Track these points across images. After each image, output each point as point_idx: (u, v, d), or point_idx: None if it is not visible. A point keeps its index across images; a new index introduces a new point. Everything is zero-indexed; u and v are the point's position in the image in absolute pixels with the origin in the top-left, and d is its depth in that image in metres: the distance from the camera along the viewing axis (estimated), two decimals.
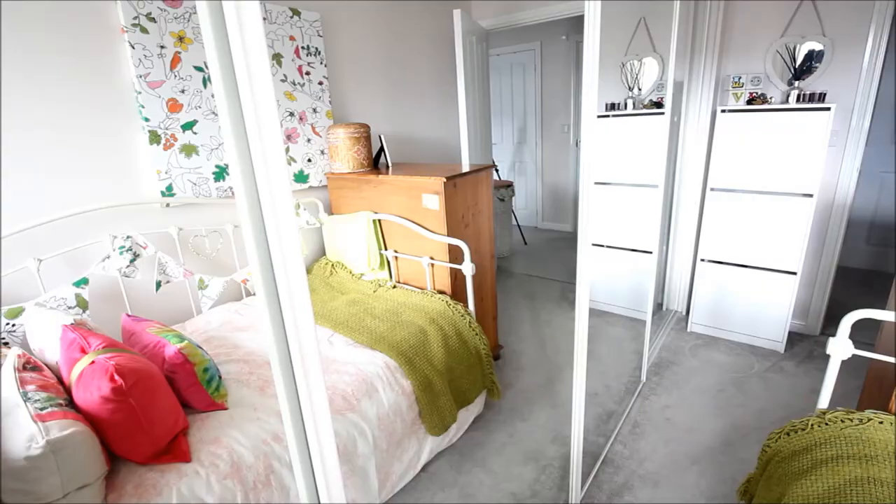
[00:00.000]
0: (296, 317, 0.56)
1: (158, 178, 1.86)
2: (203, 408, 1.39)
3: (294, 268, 0.55)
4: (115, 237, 1.74)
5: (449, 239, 2.00)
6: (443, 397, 1.75)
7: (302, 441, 0.64)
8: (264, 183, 0.51)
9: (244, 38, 0.46)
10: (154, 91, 1.82)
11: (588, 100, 1.18)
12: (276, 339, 0.58)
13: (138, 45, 1.75)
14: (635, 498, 1.65)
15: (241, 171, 0.51)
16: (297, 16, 2.24)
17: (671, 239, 3.02)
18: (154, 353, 1.38)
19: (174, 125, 1.88)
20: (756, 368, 2.40)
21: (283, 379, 0.61)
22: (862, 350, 1.27)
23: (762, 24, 2.51)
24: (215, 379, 1.44)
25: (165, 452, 1.20)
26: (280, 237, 0.53)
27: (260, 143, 0.50)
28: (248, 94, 0.48)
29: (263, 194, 0.51)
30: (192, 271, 1.92)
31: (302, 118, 2.32)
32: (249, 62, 0.47)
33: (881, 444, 1.16)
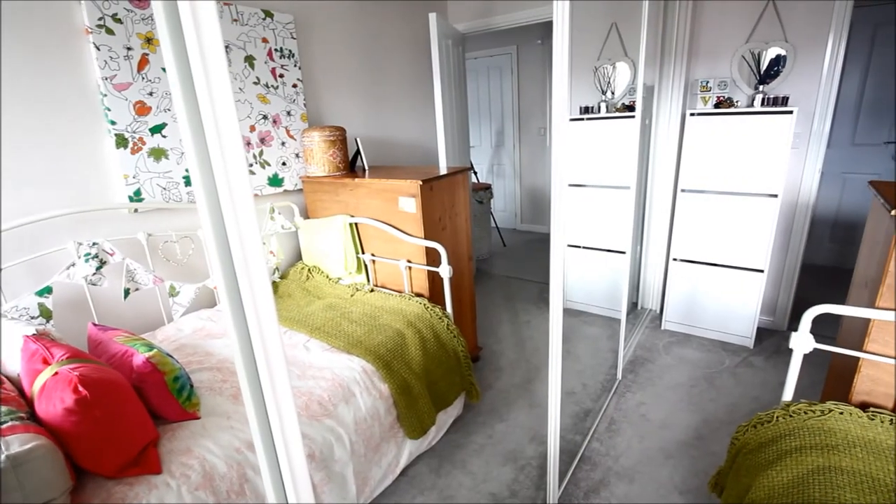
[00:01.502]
0: (260, 322, 0.56)
1: (126, 182, 1.81)
2: (174, 418, 1.36)
3: (257, 274, 0.54)
4: (80, 244, 1.69)
5: (426, 242, 2.00)
6: (421, 400, 1.75)
7: (270, 449, 0.63)
8: (224, 188, 0.50)
9: (201, 40, 0.46)
10: (121, 93, 1.77)
11: (558, 103, 1.20)
12: (241, 346, 0.58)
13: (104, 47, 1.71)
14: (611, 494, 1.68)
15: (201, 177, 0.51)
16: (270, 17, 2.22)
17: (645, 239, 3.08)
18: (122, 362, 1.34)
19: (142, 128, 1.84)
20: (727, 364, 2.47)
21: (250, 388, 0.60)
22: (823, 344, 1.32)
23: (728, 31, 2.59)
24: (186, 388, 1.40)
25: (134, 465, 1.17)
26: (242, 243, 0.52)
27: (220, 149, 0.49)
28: (207, 97, 0.47)
29: (224, 200, 0.51)
30: (163, 278, 1.88)
31: (276, 121, 2.29)
32: (207, 64, 0.46)
33: (841, 433, 1.20)
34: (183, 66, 0.47)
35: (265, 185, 2.29)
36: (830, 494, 1.04)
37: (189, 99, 0.48)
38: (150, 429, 1.25)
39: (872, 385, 1.29)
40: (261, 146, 2.24)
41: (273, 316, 0.57)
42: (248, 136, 2.19)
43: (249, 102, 2.17)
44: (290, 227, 2.31)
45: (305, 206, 2.47)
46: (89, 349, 1.48)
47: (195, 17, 0.45)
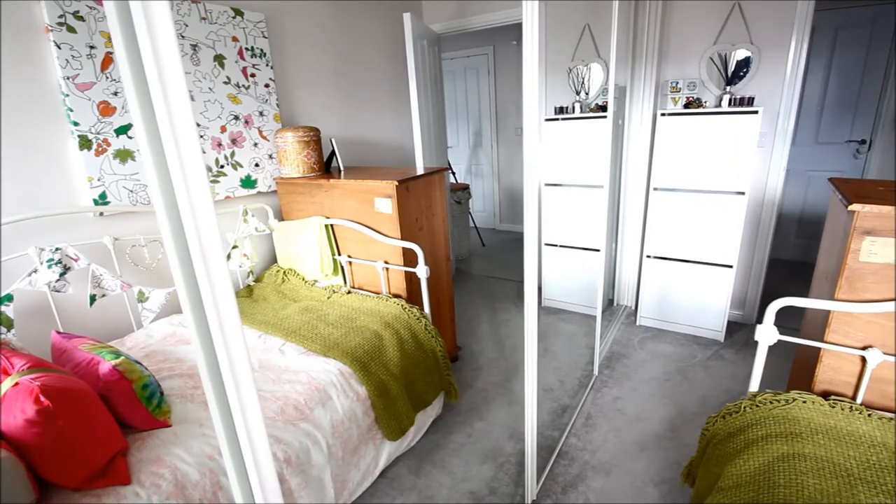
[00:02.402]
0: (223, 329, 0.55)
1: (90, 185, 1.76)
2: (144, 426, 1.32)
3: (219, 280, 0.53)
4: (42, 249, 1.63)
5: (403, 242, 2.00)
6: (399, 401, 1.74)
7: (238, 457, 0.62)
8: (182, 191, 0.49)
9: (154, 40, 0.45)
10: (83, 93, 1.72)
11: (529, 103, 1.21)
12: (205, 354, 0.57)
13: (65, 45, 1.65)
14: (588, 488, 1.70)
15: (159, 180, 0.50)
16: (240, 16, 2.18)
17: (620, 237, 3.14)
18: (87, 371, 1.30)
19: (107, 129, 1.78)
20: (699, 357, 2.53)
21: (216, 396, 0.59)
22: (787, 336, 1.37)
23: (696, 33, 2.66)
24: (156, 395, 1.37)
25: (101, 476, 1.13)
26: (202, 248, 0.51)
27: (176, 152, 0.48)
28: (161, 99, 0.46)
29: (182, 204, 0.50)
30: (131, 283, 1.82)
31: (248, 122, 2.26)
32: (161, 65, 0.45)
33: (804, 421, 1.25)
34: (136, 67, 0.46)
35: (238, 187, 2.25)
36: (794, 480, 1.08)
37: (144, 102, 0.47)
38: (118, 438, 1.22)
39: (833, 374, 1.34)
40: (232, 147, 2.20)
41: (236, 322, 0.56)
42: (219, 136, 2.15)
43: (220, 102, 2.13)
44: (265, 230, 2.28)
45: (280, 207, 2.44)
46: (53, 358, 1.43)
47: (147, 16, 0.44)
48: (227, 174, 2.19)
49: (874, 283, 1.21)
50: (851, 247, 1.21)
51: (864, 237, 1.20)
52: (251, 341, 1.79)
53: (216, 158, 2.14)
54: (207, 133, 2.10)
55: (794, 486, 1.06)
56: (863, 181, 1.53)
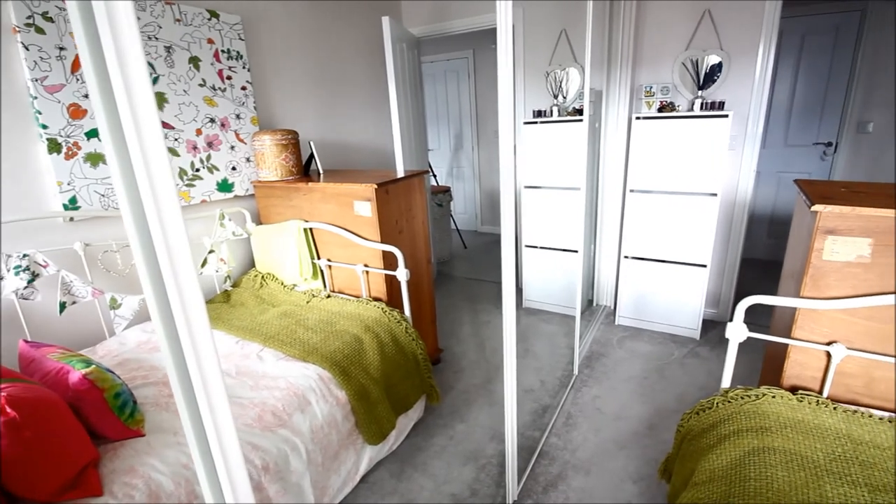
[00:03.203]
0: (193, 338, 0.54)
1: (60, 189, 1.71)
2: (116, 436, 1.29)
3: (188, 286, 0.53)
4: (9, 256, 1.58)
5: (382, 245, 1.99)
6: (380, 405, 1.74)
7: (209, 465, 0.61)
8: (148, 196, 0.49)
9: (117, 40, 0.44)
10: (53, 96, 1.67)
11: (503, 104, 1.22)
12: (174, 361, 0.56)
13: (33, 47, 1.61)
14: (569, 487, 1.72)
15: (125, 186, 0.49)
16: (216, 18, 2.15)
17: (598, 238, 3.19)
18: (56, 380, 1.27)
19: (77, 132, 1.74)
20: (675, 355, 2.58)
21: (187, 406, 0.58)
22: (758, 333, 1.41)
23: (669, 39, 2.72)
24: (129, 404, 1.34)
25: (72, 487, 1.10)
26: (170, 253, 0.51)
27: (141, 155, 0.47)
28: (126, 103, 0.46)
29: (149, 209, 0.49)
30: (103, 290, 1.78)
31: (224, 125, 2.23)
32: (125, 65, 0.45)
33: (774, 416, 1.29)
34: (100, 69, 0.46)
35: (214, 191, 2.22)
36: (764, 473, 1.11)
37: (109, 105, 0.47)
38: (89, 449, 1.19)
39: (800, 369, 1.38)
40: (208, 150, 2.17)
41: (206, 329, 0.56)
42: (195, 139, 2.11)
43: (195, 105, 2.10)
44: (242, 234, 2.25)
45: (258, 211, 2.41)
46: (21, 368, 1.39)
47: (110, 16, 0.44)
48: (202, 178, 2.16)
49: (837, 280, 1.26)
50: (815, 246, 1.26)
51: (827, 236, 1.24)
52: (229, 347, 1.77)
53: (191, 162, 2.11)
54: (182, 136, 2.07)
55: (764, 479, 1.10)
56: (826, 182, 1.59)
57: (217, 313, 2.03)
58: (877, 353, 1.26)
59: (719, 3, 2.55)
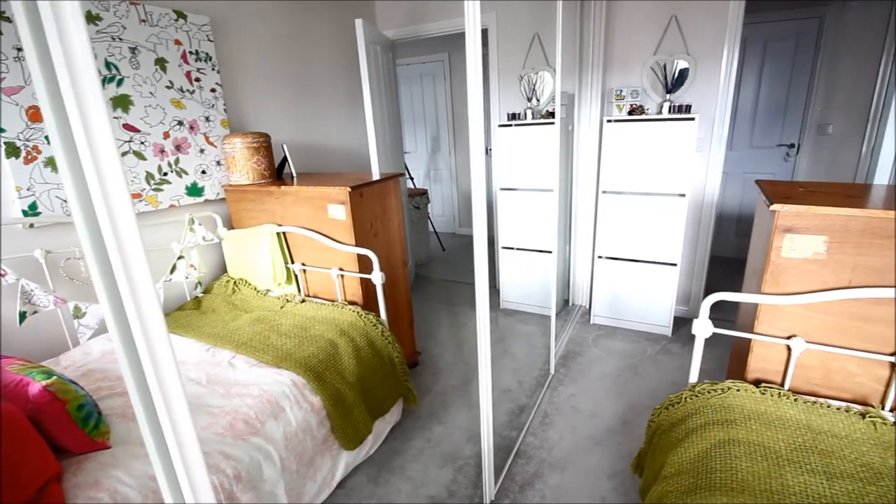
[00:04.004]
0: (150, 346, 0.53)
1: (19, 195, 1.65)
2: (80, 449, 1.25)
3: (144, 292, 0.52)
4: None
5: (357, 249, 1.98)
6: (356, 410, 1.72)
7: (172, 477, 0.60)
8: (100, 203, 0.48)
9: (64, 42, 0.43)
10: (10, 98, 1.61)
11: (473, 107, 1.24)
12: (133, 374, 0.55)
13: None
14: (545, 485, 1.74)
15: (76, 192, 0.48)
16: (183, 19, 2.11)
17: (573, 239, 3.23)
18: (15, 393, 1.22)
19: (37, 136, 1.68)
20: (648, 352, 2.64)
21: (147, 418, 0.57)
22: (724, 328, 1.45)
23: (638, 44, 2.79)
24: (93, 416, 1.30)
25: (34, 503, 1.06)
26: (124, 261, 0.50)
27: (92, 161, 0.46)
28: (74, 106, 0.45)
29: (101, 216, 0.48)
30: (66, 299, 1.72)
31: (193, 127, 2.18)
32: (73, 67, 0.44)
33: (738, 408, 1.33)
34: (48, 71, 0.44)
35: (183, 195, 2.17)
36: (728, 465, 1.15)
37: (57, 108, 0.46)
38: (52, 463, 1.15)
39: (763, 363, 1.43)
40: (177, 154, 2.12)
41: (164, 338, 0.55)
42: (162, 143, 2.07)
43: (162, 108, 2.05)
44: (213, 239, 2.20)
45: (229, 215, 2.36)
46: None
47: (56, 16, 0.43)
48: (171, 182, 2.11)
49: (795, 276, 1.31)
50: (774, 244, 1.31)
51: (785, 234, 1.29)
52: (199, 355, 1.73)
53: (159, 166, 2.06)
54: (149, 139, 2.02)
55: (729, 471, 1.13)
56: (785, 183, 1.65)
57: (187, 320, 1.98)
58: (833, 346, 1.31)
59: (685, 9, 2.62)
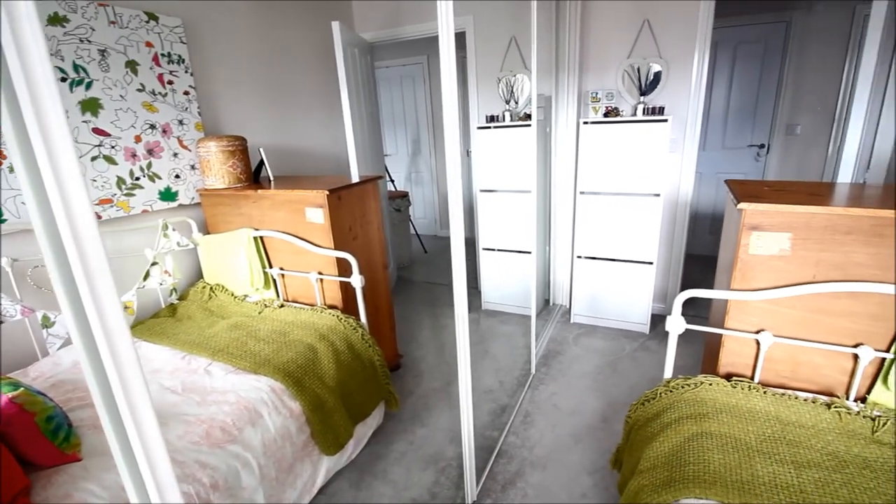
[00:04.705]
0: (115, 356, 0.53)
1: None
2: (49, 462, 1.22)
3: (107, 300, 0.51)
4: None
5: (336, 252, 1.97)
6: (336, 415, 1.71)
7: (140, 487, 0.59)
8: (59, 206, 0.47)
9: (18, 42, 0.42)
10: None
11: (448, 110, 1.24)
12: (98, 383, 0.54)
13: None
14: (527, 484, 1.76)
15: (35, 198, 0.47)
16: (154, 21, 2.07)
17: (552, 239, 3.27)
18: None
19: None
20: (627, 350, 2.69)
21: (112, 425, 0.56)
22: (696, 324, 1.49)
23: (612, 47, 2.84)
24: (63, 428, 1.27)
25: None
26: (85, 269, 0.49)
27: (49, 163, 0.46)
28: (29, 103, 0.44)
29: (60, 221, 0.47)
30: (33, 308, 1.67)
31: (166, 131, 2.14)
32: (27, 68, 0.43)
33: (711, 402, 1.36)
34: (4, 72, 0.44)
35: (156, 200, 2.12)
36: (701, 457, 1.18)
37: (13, 111, 0.45)
38: (19, 477, 1.12)
39: (734, 357, 1.47)
40: (149, 158, 2.08)
41: (129, 349, 0.54)
42: (134, 147, 2.02)
43: (133, 111, 2.01)
44: (188, 244, 2.17)
45: (205, 220, 2.32)
46: None
47: (9, 15, 0.42)
48: (143, 186, 2.07)
49: (762, 272, 1.35)
50: (742, 241, 1.35)
51: (752, 232, 1.33)
52: (174, 363, 1.70)
53: (130, 170, 2.01)
54: (120, 143, 1.97)
55: (701, 463, 1.16)
56: (753, 182, 1.70)
57: (162, 328, 1.94)
58: (800, 339, 1.36)
59: (657, 13, 2.68)
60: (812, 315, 1.35)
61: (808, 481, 1.09)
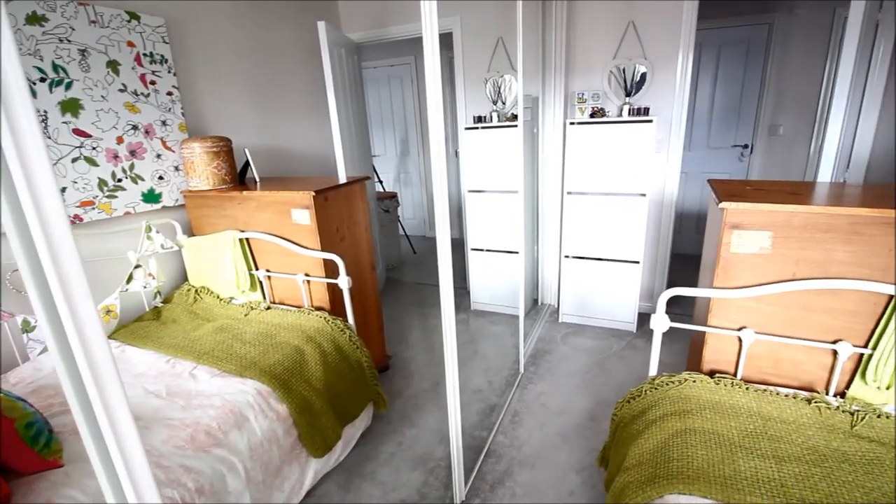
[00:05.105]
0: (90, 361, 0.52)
1: None
2: (30, 469, 1.19)
3: (81, 304, 0.50)
4: None
5: (322, 254, 1.96)
6: (324, 417, 1.70)
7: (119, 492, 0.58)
8: (31, 210, 0.46)
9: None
10: None
11: (433, 111, 1.25)
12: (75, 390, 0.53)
13: None
14: (515, 483, 1.76)
15: (6, 197, 0.46)
16: (136, 20, 2.04)
17: (540, 239, 3.29)
18: None
19: None
20: (614, 349, 2.71)
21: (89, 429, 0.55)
22: (684, 323, 1.51)
23: (598, 48, 2.87)
24: (44, 434, 1.24)
25: None
26: (59, 271, 0.48)
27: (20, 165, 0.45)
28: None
29: (32, 223, 0.47)
30: (13, 312, 1.64)
31: (149, 132, 2.11)
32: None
33: (695, 399, 1.38)
34: None
35: (139, 202, 2.10)
36: (685, 453, 1.19)
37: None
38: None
39: (717, 354, 1.49)
40: (131, 159, 2.05)
41: (106, 353, 0.53)
42: (116, 148, 1.99)
43: (115, 111, 1.98)
44: (172, 247, 2.14)
45: (189, 222, 2.30)
46: None
47: None
48: (125, 188, 2.04)
49: (744, 270, 1.38)
50: (724, 240, 1.37)
51: (733, 231, 1.36)
52: (158, 367, 1.67)
53: (112, 172, 1.98)
54: (101, 145, 1.94)
55: (685, 459, 1.17)
56: (735, 181, 1.73)
57: (146, 331, 1.92)
58: (781, 336, 1.38)
59: (641, 15, 2.71)
60: (793, 312, 1.37)
61: (788, 475, 1.11)
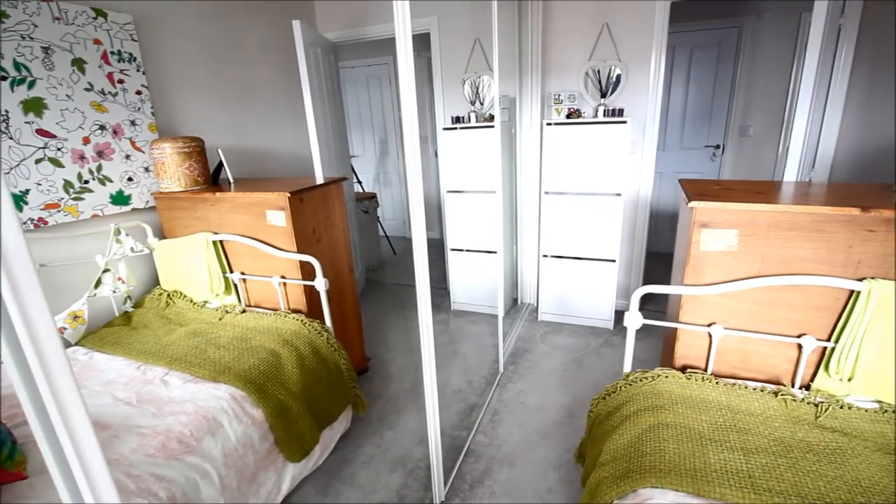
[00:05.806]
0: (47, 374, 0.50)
1: None
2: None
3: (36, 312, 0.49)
4: None
5: (298, 255, 1.94)
6: (301, 420, 1.68)
7: None
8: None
9: None
10: None
11: (407, 112, 1.24)
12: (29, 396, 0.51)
13: None
14: (494, 482, 1.77)
15: None
16: (103, 17, 1.98)
17: (519, 239, 3.31)
18: None
19: None
20: (592, 346, 2.75)
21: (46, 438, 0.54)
22: (658, 320, 1.54)
23: (573, 50, 2.90)
24: (7, 445, 1.20)
25: None
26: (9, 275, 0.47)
27: None
28: None
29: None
30: None
31: (117, 132, 2.05)
32: None
33: (667, 394, 1.41)
34: None
35: (107, 204, 2.04)
36: (658, 448, 1.22)
37: None
38: None
39: (689, 350, 1.53)
40: (99, 160, 1.99)
41: (63, 362, 0.52)
42: (82, 149, 1.93)
43: (81, 111, 1.92)
44: (143, 250, 2.08)
45: (160, 224, 2.24)
46: None
47: None
48: (93, 190, 1.98)
49: (712, 268, 1.41)
50: (693, 238, 1.40)
51: (702, 229, 1.39)
52: (129, 374, 1.63)
53: (79, 173, 1.92)
54: (67, 145, 1.88)
55: (658, 453, 1.20)
56: (704, 181, 1.77)
57: (116, 337, 1.87)
58: (748, 331, 1.42)
59: (615, 17, 2.76)
60: (759, 308, 1.41)
61: (756, 466, 1.14)
